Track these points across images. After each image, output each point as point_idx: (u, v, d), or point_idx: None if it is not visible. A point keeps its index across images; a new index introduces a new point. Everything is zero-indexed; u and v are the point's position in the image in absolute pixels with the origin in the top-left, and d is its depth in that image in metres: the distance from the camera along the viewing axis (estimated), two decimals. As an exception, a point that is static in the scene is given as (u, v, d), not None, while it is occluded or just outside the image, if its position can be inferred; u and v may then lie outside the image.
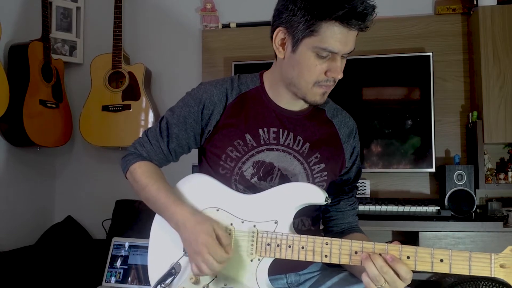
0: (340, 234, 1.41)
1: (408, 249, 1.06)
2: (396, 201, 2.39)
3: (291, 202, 1.20)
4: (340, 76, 1.22)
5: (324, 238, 1.13)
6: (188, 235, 1.18)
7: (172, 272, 1.23)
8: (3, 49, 2.58)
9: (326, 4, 1.13)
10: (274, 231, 1.18)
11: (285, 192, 1.21)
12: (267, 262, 1.19)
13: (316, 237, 1.14)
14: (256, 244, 1.18)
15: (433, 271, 1.03)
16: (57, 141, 2.77)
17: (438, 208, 2.28)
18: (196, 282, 1.21)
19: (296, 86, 1.26)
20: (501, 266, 0.99)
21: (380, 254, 1.07)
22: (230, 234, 1.21)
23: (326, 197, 1.18)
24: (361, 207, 2.31)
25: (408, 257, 1.05)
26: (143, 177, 1.32)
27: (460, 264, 1.02)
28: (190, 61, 2.94)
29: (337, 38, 1.15)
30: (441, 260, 1.03)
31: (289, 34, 1.21)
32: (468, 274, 1.01)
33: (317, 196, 1.19)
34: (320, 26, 1.15)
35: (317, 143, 1.34)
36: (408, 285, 1.10)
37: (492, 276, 1.00)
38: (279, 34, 1.24)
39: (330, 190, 1.41)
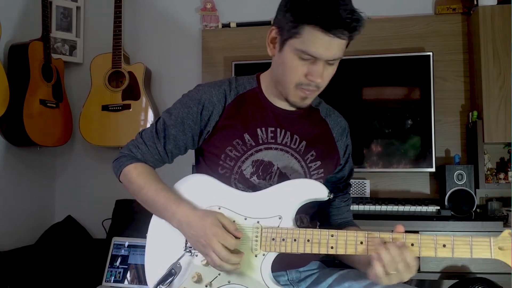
0: (337, 228, 1.42)
1: (412, 236, 1.09)
2: (396, 201, 2.39)
3: (294, 198, 1.21)
4: (319, 80, 1.22)
5: (330, 230, 1.15)
6: (194, 231, 1.19)
7: (172, 272, 1.22)
8: (3, 49, 2.57)
9: (310, 8, 1.14)
10: (278, 226, 1.19)
11: (288, 188, 1.23)
12: (271, 257, 1.19)
13: (321, 229, 1.15)
14: (261, 240, 1.19)
15: (437, 256, 1.06)
16: (57, 140, 2.77)
17: (438, 208, 2.28)
18: (199, 280, 1.21)
19: (281, 85, 1.29)
20: (500, 248, 1.04)
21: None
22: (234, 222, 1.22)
23: (329, 193, 1.21)
24: (361, 207, 2.31)
25: (412, 244, 1.08)
26: (139, 178, 1.31)
27: (462, 248, 1.05)
28: (190, 61, 2.94)
29: (318, 43, 1.16)
30: (444, 245, 1.06)
31: (279, 34, 1.25)
32: (469, 257, 1.04)
33: (320, 192, 1.21)
34: (302, 29, 1.17)
35: (313, 141, 1.37)
36: (409, 285, 1.10)
37: (492, 257, 1.04)
38: (272, 32, 1.28)
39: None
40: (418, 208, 2.28)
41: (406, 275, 1.06)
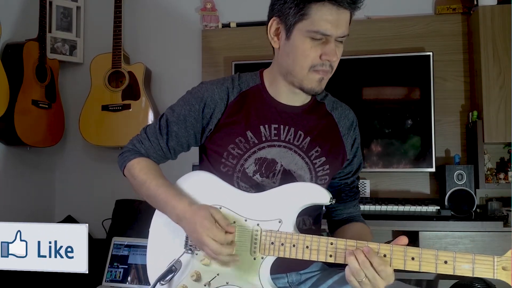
0: (342, 222, 1.43)
1: (413, 251, 1.06)
2: (396, 201, 2.39)
3: (295, 201, 1.20)
4: (335, 58, 1.22)
5: (329, 238, 1.13)
6: (189, 225, 1.19)
7: (173, 269, 1.23)
8: (0, 48, 2.57)
9: None
10: (278, 230, 1.18)
11: (289, 192, 1.22)
12: (270, 260, 1.19)
13: (321, 237, 1.14)
14: (260, 243, 1.19)
15: (437, 272, 1.03)
16: (46, 141, 2.76)
17: (438, 208, 2.29)
18: (198, 279, 1.21)
19: (292, 73, 1.26)
20: (503, 268, 1.00)
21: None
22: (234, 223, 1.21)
23: (331, 198, 1.19)
24: (361, 207, 2.29)
25: (412, 258, 1.05)
26: (142, 173, 1.32)
27: (463, 266, 1.02)
28: (190, 60, 2.94)
29: (327, 19, 1.17)
30: (445, 262, 1.03)
31: (282, 22, 1.24)
32: (471, 275, 1.02)
33: (322, 196, 1.19)
34: (310, 9, 1.17)
35: (317, 137, 1.35)
36: (408, 284, 1.10)
37: (495, 278, 1.01)
38: (273, 24, 1.27)
39: (332, 181, 1.42)
40: (418, 208, 2.29)
41: (379, 283, 1.04)
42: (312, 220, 1.38)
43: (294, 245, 1.15)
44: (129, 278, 2.27)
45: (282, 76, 1.31)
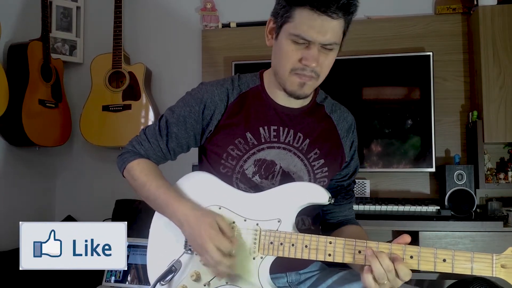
0: (337, 225, 1.43)
1: (412, 249, 1.06)
2: (396, 201, 2.39)
3: (294, 201, 1.20)
4: (314, 64, 1.19)
5: (328, 237, 1.13)
6: (191, 230, 1.19)
7: (173, 269, 1.23)
8: (3, 49, 2.57)
9: None
10: (277, 230, 1.18)
11: (288, 191, 1.22)
12: (270, 260, 1.19)
13: (320, 236, 1.14)
14: (259, 242, 1.19)
15: (436, 270, 1.03)
16: (56, 140, 2.77)
17: (438, 208, 2.29)
18: (197, 279, 1.21)
19: (277, 74, 1.27)
20: (502, 266, 1.00)
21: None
22: (232, 229, 1.21)
23: (330, 197, 1.19)
24: (361, 207, 2.31)
25: (411, 257, 1.06)
26: (142, 174, 1.32)
27: (462, 264, 1.02)
28: (190, 60, 2.95)
29: (309, 25, 1.15)
30: (444, 260, 1.03)
31: (275, 22, 1.25)
32: (470, 274, 1.02)
33: (321, 196, 1.20)
34: (294, 12, 1.17)
35: (317, 139, 1.35)
36: (409, 284, 1.10)
37: (494, 276, 1.01)
38: (270, 23, 1.28)
39: (329, 184, 1.42)
40: (418, 208, 2.28)
41: (397, 283, 1.05)
42: (311, 220, 1.38)
43: (293, 245, 1.16)
44: (129, 278, 2.27)
45: (274, 75, 1.31)
